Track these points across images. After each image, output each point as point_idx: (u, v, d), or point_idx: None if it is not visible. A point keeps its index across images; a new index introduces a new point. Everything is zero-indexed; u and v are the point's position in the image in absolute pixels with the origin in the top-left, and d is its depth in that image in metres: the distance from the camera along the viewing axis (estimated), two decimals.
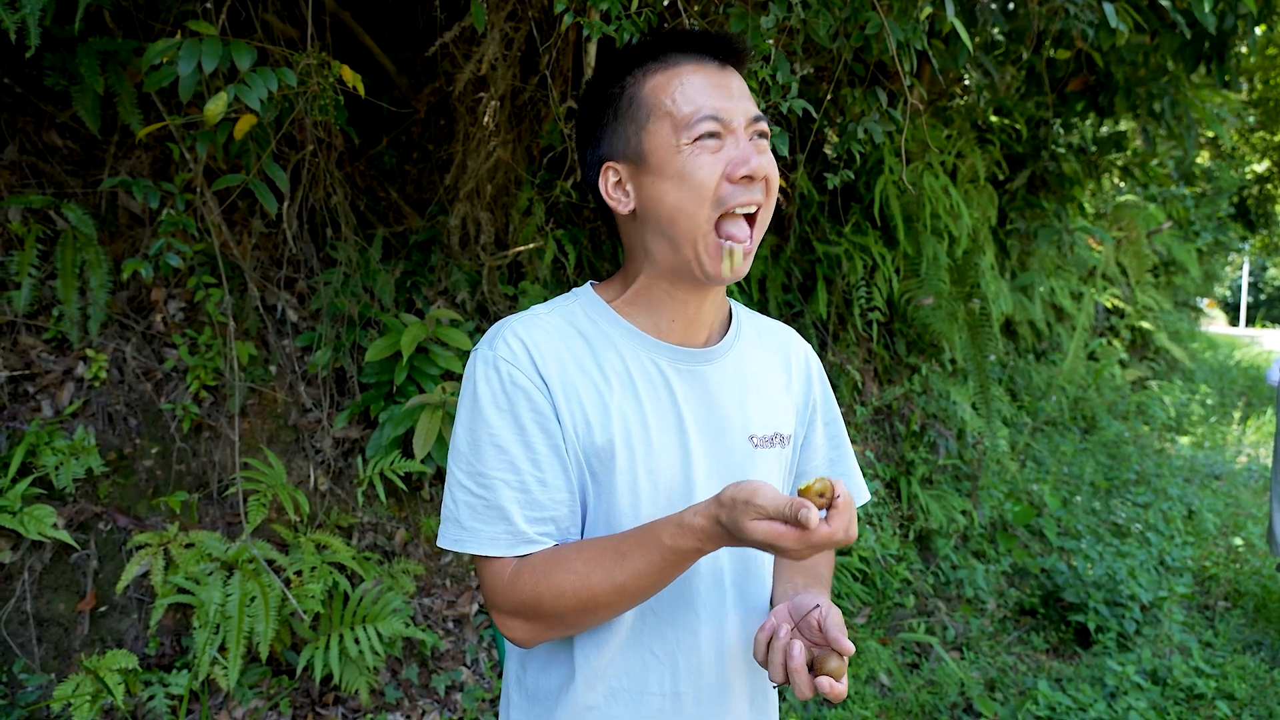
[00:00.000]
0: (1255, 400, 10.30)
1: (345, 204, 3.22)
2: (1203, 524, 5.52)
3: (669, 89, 1.04)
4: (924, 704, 3.29)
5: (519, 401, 1.04)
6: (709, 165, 1.02)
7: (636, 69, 1.07)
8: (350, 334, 3.11)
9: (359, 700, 2.59)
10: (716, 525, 0.93)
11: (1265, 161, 11.13)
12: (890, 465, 4.51)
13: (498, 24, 2.80)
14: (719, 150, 1.03)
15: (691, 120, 1.02)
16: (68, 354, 2.67)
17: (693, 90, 1.03)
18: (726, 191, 1.03)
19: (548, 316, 1.11)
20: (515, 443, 1.03)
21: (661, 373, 1.10)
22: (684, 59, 1.05)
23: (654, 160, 1.04)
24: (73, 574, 2.47)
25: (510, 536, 1.03)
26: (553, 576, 1.01)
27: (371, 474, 2.91)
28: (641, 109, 1.05)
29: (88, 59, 2.56)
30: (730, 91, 1.05)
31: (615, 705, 1.10)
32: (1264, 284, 36.89)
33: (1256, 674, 3.63)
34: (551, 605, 1.01)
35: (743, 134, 1.04)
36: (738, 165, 1.02)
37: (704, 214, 1.03)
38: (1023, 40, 4.06)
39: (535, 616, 1.03)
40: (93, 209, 2.77)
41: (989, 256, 4.88)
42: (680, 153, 1.02)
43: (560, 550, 1.03)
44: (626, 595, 1.00)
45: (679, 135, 1.02)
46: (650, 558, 0.97)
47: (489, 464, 1.03)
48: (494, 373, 1.05)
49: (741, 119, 1.04)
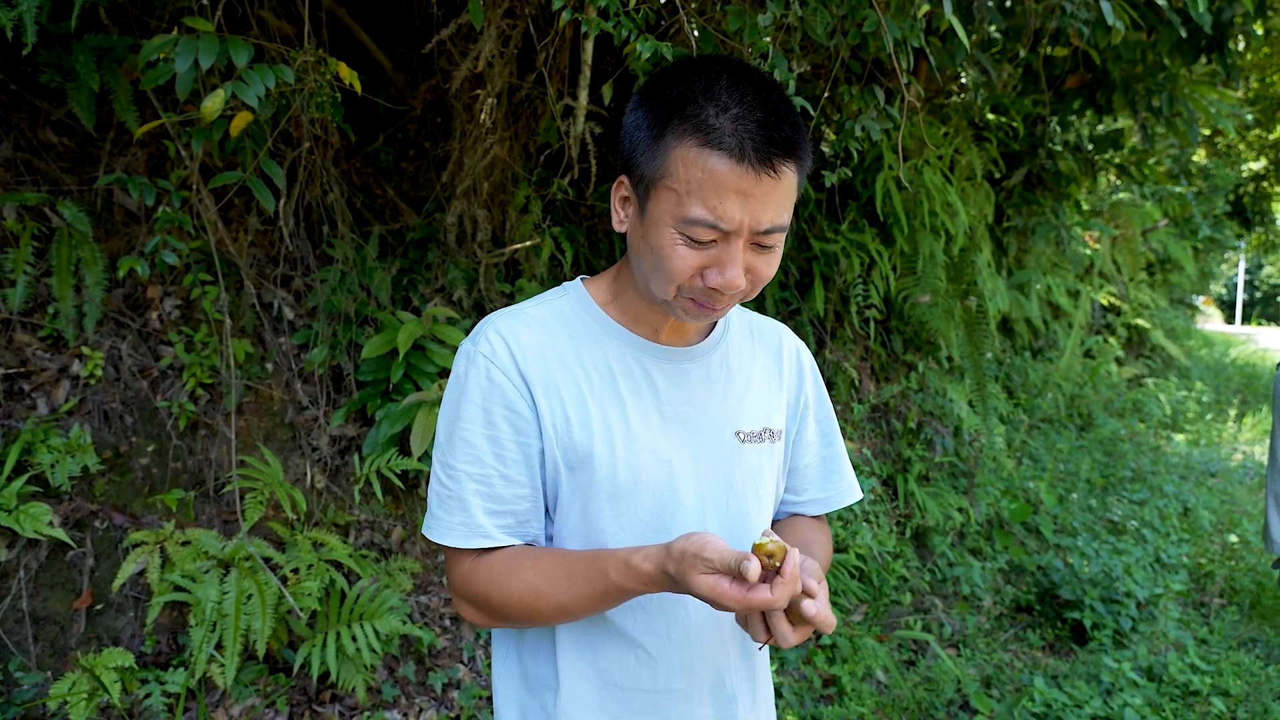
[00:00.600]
0: (1251, 398, 10.33)
1: (342, 201, 3.21)
2: (1198, 521, 5.53)
3: (690, 173, 0.95)
4: (920, 701, 3.30)
5: (493, 398, 1.06)
6: (685, 259, 0.98)
7: (682, 118, 0.96)
8: (347, 331, 3.11)
9: (356, 698, 2.59)
10: (663, 574, 0.95)
11: (1262, 159, 11.14)
12: (887, 463, 4.51)
13: (495, 21, 2.79)
14: (705, 250, 0.98)
15: (690, 220, 0.96)
16: (63, 351, 2.66)
17: (710, 190, 0.94)
18: (696, 286, 1.00)
19: (534, 311, 1.12)
20: (483, 438, 1.06)
21: (645, 370, 1.11)
22: (724, 148, 0.94)
23: (647, 219, 1.01)
24: (69, 572, 2.46)
25: (466, 529, 1.06)
26: (504, 580, 1.05)
27: (368, 472, 2.91)
28: (662, 165, 0.98)
29: (83, 56, 2.55)
30: (756, 202, 0.95)
31: (610, 700, 1.11)
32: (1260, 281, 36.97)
33: (1251, 670, 3.64)
34: (500, 605, 1.06)
35: (737, 242, 0.98)
36: (713, 274, 0.99)
37: (669, 292, 1.02)
38: (1020, 38, 4.06)
39: (485, 610, 1.08)
40: (88, 206, 2.76)
41: (986, 254, 4.88)
42: (665, 235, 0.98)
43: (518, 556, 1.07)
44: (569, 614, 1.05)
45: (673, 221, 0.98)
46: (594, 588, 1.01)
47: (458, 457, 1.07)
48: (474, 369, 1.07)
49: (749, 230, 0.97)
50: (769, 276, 1.03)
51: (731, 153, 0.93)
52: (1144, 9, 3.74)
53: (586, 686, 1.11)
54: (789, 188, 0.98)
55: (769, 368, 1.23)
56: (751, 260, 1.00)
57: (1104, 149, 6.23)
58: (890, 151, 3.90)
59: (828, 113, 3.58)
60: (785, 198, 0.98)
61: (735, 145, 0.93)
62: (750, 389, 1.18)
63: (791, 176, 0.98)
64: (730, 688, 1.17)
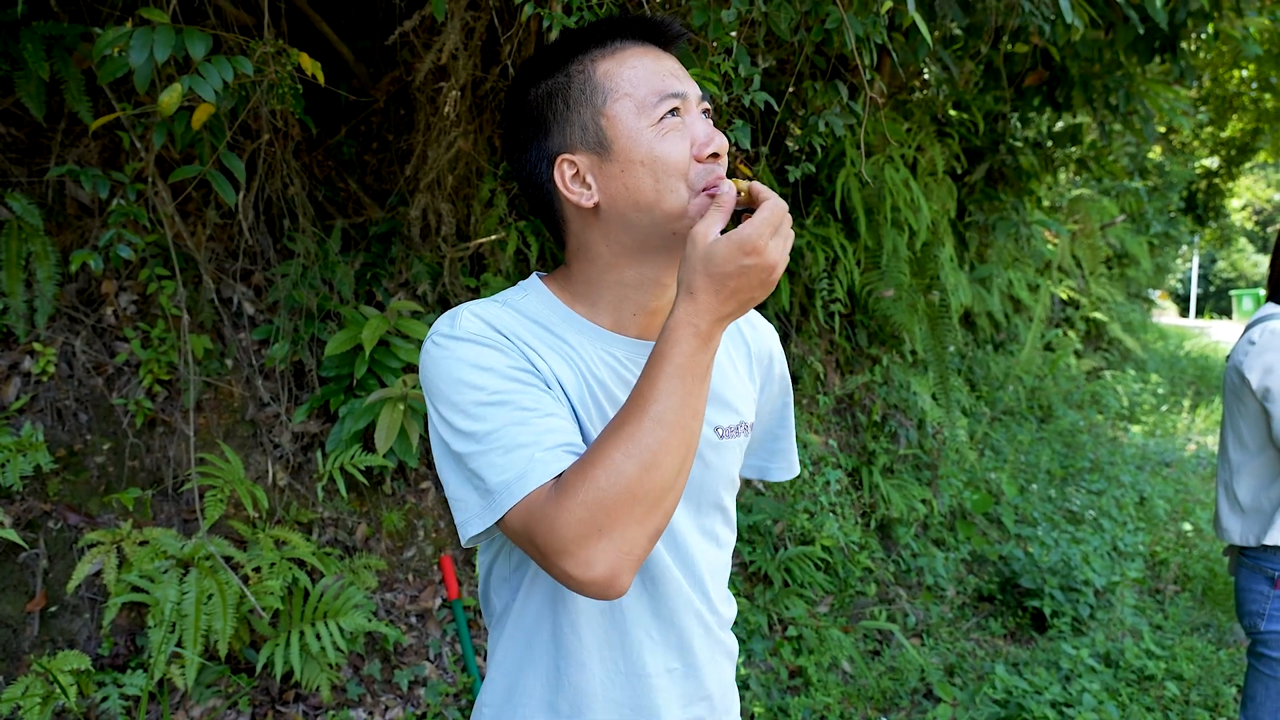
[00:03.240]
0: (1204, 389, 10.58)
1: (303, 195, 3.16)
2: (1154, 510, 5.66)
3: (623, 72, 1.02)
4: (885, 690, 3.34)
5: (497, 359, 0.97)
6: (678, 143, 1.01)
7: (581, 55, 1.04)
8: (309, 327, 3.07)
9: (320, 697, 2.56)
10: (692, 295, 0.94)
11: (1214, 157, 11.41)
12: (852, 455, 4.56)
13: (458, 13, 2.77)
14: (681, 129, 1.02)
15: (656, 99, 1.01)
16: (14, 348, 2.59)
17: (646, 72, 1.02)
18: (695, 173, 1.02)
19: (501, 304, 1.07)
20: (512, 390, 0.95)
21: (623, 365, 1.08)
22: (629, 44, 1.04)
23: (619, 146, 1.01)
24: (21, 574, 2.40)
25: (536, 464, 0.91)
26: (597, 455, 0.89)
27: (331, 468, 2.88)
28: (598, 93, 1.02)
29: (32, 44, 2.48)
30: (675, 71, 1.05)
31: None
32: (1213, 276, 37.89)
33: (1204, 655, 3.74)
34: (610, 485, 0.86)
35: (696, 110, 1.04)
36: (704, 145, 1.02)
37: (684, 193, 1.01)
38: (981, 35, 4.11)
39: (605, 517, 0.87)
40: (39, 198, 2.69)
41: (948, 249, 4.94)
42: (645, 134, 1.01)
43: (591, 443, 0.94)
44: (668, 426, 0.89)
45: (642, 117, 1.01)
46: (657, 372, 0.91)
47: (494, 419, 0.94)
48: (463, 343, 0.98)
49: (695, 97, 1.04)
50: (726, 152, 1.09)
51: (633, 44, 1.05)
52: (1102, 7, 3.80)
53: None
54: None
55: (738, 358, 1.21)
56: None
57: (1063, 144, 6.33)
58: (853, 147, 3.94)
59: (792, 108, 3.60)
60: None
61: (638, 39, 1.05)
62: (727, 384, 1.16)
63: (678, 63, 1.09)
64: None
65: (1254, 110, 9.33)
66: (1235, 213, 17.40)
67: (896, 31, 3.32)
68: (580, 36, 1.05)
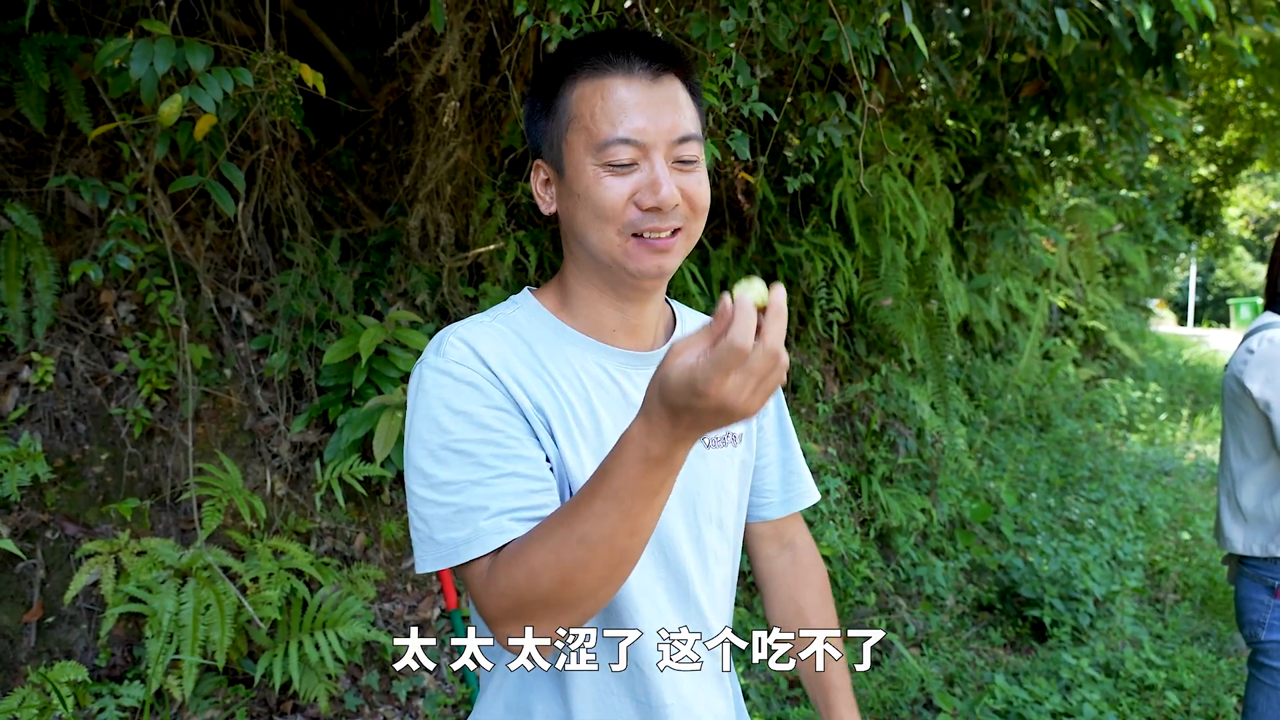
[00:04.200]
0: (1203, 398, 10.59)
1: (302, 205, 3.17)
2: (1153, 519, 5.66)
3: (592, 102, 0.99)
4: (885, 700, 3.33)
5: (476, 400, 0.98)
6: (614, 189, 0.98)
7: (568, 74, 1.02)
8: (307, 336, 3.07)
9: (318, 708, 2.55)
10: (656, 403, 0.82)
11: (1211, 166, 11.45)
12: (851, 464, 4.55)
13: (457, 24, 2.78)
14: (629, 175, 0.98)
15: (604, 142, 0.98)
16: (12, 358, 2.59)
17: (615, 107, 0.98)
18: (634, 217, 0.99)
19: (491, 321, 1.07)
20: (478, 442, 0.96)
21: (611, 377, 1.08)
22: (615, 68, 0.99)
23: (569, 173, 1.02)
24: (18, 584, 2.40)
25: (482, 535, 0.94)
26: (522, 556, 0.90)
27: (330, 478, 2.87)
28: (565, 116, 1.01)
29: (32, 55, 2.49)
30: (657, 108, 0.99)
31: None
32: (1211, 285, 37.95)
33: (1204, 664, 3.73)
34: (528, 589, 0.89)
35: (659, 158, 0.99)
36: (645, 195, 0.98)
37: (611, 236, 1.01)
38: (978, 45, 4.13)
39: (523, 611, 0.90)
40: (38, 209, 2.69)
41: (946, 258, 4.95)
42: (587, 173, 0.99)
43: (529, 531, 0.93)
44: (591, 548, 0.86)
45: (590, 154, 0.99)
46: (596, 489, 0.86)
47: (453, 470, 0.96)
48: (444, 377, 0.99)
49: (663, 141, 0.99)
50: (704, 201, 1.03)
51: (621, 71, 0.99)
52: (1098, 18, 3.82)
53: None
54: (686, 101, 1.02)
55: None
56: (680, 180, 1.00)
57: (1060, 153, 6.35)
58: (851, 157, 3.95)
59: (790, 118, 3.61)
60: (687, 110, 1.02)
61: (622, 63, 0.99)
62: None
63: (681, 89, 1.02)
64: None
65: (1250, 120, 9.37)
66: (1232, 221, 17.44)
67: (894, 42, 3.34)
68: (571, 51, 1.03)
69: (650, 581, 1.08)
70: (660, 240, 1.01)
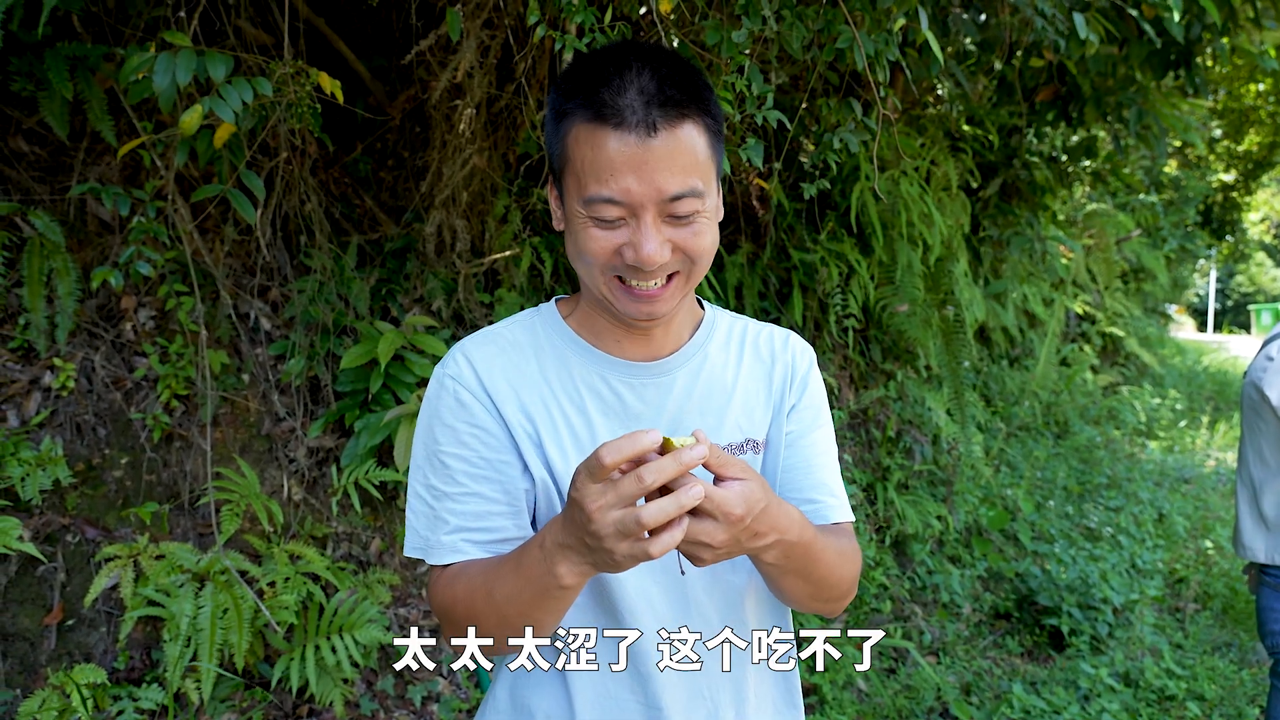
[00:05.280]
0: (1223, 405, 10.48)
1: (319, 211, 3.19)
2: (1173, 527, 5.60)
3: (584, 151, 0.95)
4: (901, 709, 3.31)
5: (462, 418, 1.06)
6: (600, 241, 0.97)
7: (569, 103, 0.97)
8: (324, 342, 3.09)
9: (334, 712, 2.56)
10: (555, 533, 0.88)
11: (1231, 171, 11.34)
12: (867, 471, 4.54)
13: (474, 31, 2.79)
14: (616, 229, 0.96)
15: (589, 198, 0.95)
16: (34, 363, 2.62)
17: (604, 163, 0.93)
18: (620, 266, 0.98)
19: (505, 331, 1.12)
20: (456, 458, 1.06)
21: (613, 389, 1.09)
22: (609, 117, 0.93)
23: (566, 207, 1.02)
24: (39, 587, 2.42)
25: (441, 547, 1.05)
26: (456, 582, 1.02)
27: (346, 483, 2.89)
28: (562, 152, 0.99)
29: (56, 64, 2.53)
30: (651, 168, 0.93)
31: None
32: (1230, 290, 37.56)
33: (1226, 674, 3.69)
34: (449, 610, 1.02)
35: (648, 218, 0.95)
36: (629, 251, 0.96)
37: (598, 276, 1.01)
38: (995, 50, 4.12)
39: (449, 625, 1.04)
40: (61, 216, 2.73)
41: (962, 263, 4.93)
42: (577, 217, 0.98)
43: (478, 560, 1.04)
44: (497, 607, 0.96)
45: (579, 203, 0.97)
46: (512, 556, 0.97)
47: (438, 476, 1.06)
48: (443, 391, 1.08)
49: (652, 201, 0.94)
50: (702, 250, 0.99)
51: (615, 123, 0.92)
52: (1117, 22, 3.80)
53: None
54: (688, 149, 0.94)
55: (757, 376, 1.17)
56: (672, 234, 0.97)
57: (1078, 158, 6.31)
58: (867, 163, 3.94)
59: (806, 124, 3.61)
60: (687, 160, 0.94)
61: (616, 115, 0.92)
62: (732, 400, 1.13)
63: (689, 137, 0.94)
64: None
65: (1271, 124, 9.28)
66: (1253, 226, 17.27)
67: (910, 47, 3.33)
68: (575, 80, 0.97)
69: (649, 585, 1.08)
70: (646, 291, 1.00)
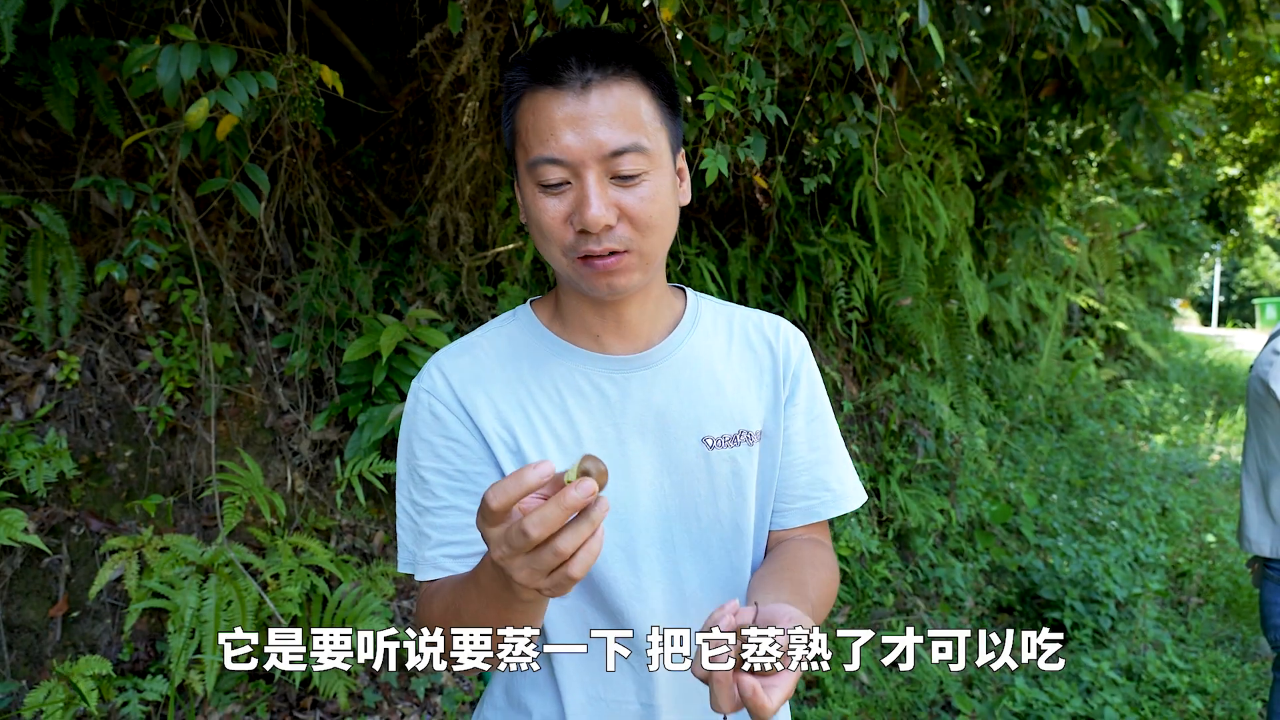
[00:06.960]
0: (1227, 399, 10.46)
1: (323, 204, 3.20)
2: (1176, 521, 5.60)
3: (525, 120, 0.95)
4: (903, 702, 3.32)
5: (437, 431, 1.05)
6: (551, 209, 0.95)
7: (514, 75, 0.98)
8: (328, 335, 3.09)
9: (337, 704, 2.57)
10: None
11: (1237, 164, 11.30)
12: (870, 464, 4.54)
13: (477, 24, 2.79)
14: (563, 194, 0.95)
15: (532, 161, 0.94)
16: (39, 356, 2.63)
17: (544, 124, 0.93)
18: (572, 239, 0.96)
19: (481, 340, 1.11)
20: (433, 472, 1.05)
21: (595, 385, 1.07)
22: (548, 81, 0.93)
23: (520, 190, 1.01)
24: (44, 579, 2.43)
25: (424, 562, 1.05)
26: (434, 599, 1.02)
27: (350, 476, 2.89)
28: (512, 126, 0.99)
29: (60, 58, 2.53)
30: (589, 123, 0.92)
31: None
32: (1235, 284, 37.44)
33: (1228, 668, 3.69)
34: (428, 624, 1.00)
35: (591, 176, 0.93)
36: (575, 216, 0.94)
37: (558, 256, 0.99)
38: (999, 43, 4.10)
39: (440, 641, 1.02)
40: (64, 209, 2.73)
41: (966, 257, 4.92)
42: (529, 191, 0.97)
43: (454, 576, 1.02)
44: (465, 624, 0.93)
45: (528, 173, 0.96)
46: (473, 572, 0.92)
47: (419, 491, 1.06)
48: (419, 405, 1.08)
49: (593, 158, 0.92)
50: (651, 216, 0.96)
51: (554, 83, 0.93)
52: (1121, 16, 3.78)
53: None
54: (629, 108, 0.93)
55: (747, 365, 1.14)
56: (618, 196, 0.94)
57: (1083, 150, 6.29)
58: (869, 157, 3.93)
59: (809, 117, 3.60)
60: (629, 118, 0.93)
61: (554, 75, 0.93)
62: (721, 391, 1.11)
63: (629, 95, 0.94)
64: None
65: (1277, 117, 9.24)
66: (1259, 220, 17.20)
67: (915, 39, 3.32)
68: (521, 62, 0.97)
69: (645, 583, 1.07)
70: (601, 262, 0.97)
